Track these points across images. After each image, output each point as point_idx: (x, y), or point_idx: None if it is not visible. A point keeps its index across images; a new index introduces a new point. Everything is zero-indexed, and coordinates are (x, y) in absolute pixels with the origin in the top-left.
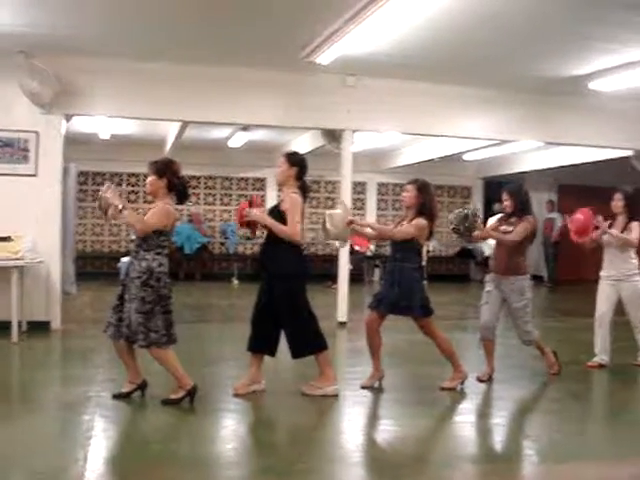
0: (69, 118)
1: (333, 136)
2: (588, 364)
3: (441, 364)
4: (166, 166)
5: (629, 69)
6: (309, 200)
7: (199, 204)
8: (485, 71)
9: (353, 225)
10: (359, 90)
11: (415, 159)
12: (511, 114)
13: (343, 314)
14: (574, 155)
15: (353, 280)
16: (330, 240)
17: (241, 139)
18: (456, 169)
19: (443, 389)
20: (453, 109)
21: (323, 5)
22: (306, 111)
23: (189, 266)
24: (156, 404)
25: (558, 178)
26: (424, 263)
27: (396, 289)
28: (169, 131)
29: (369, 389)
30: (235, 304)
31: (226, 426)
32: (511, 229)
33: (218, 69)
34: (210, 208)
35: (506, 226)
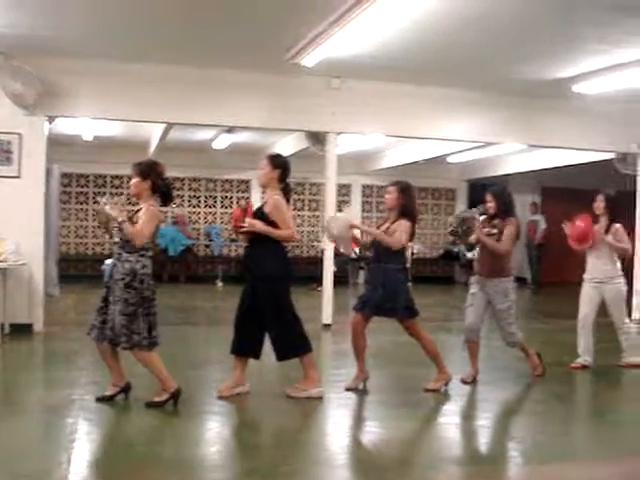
0: (52, 119)
1: (317, 138)
2: (572, 365)
3: (425, 365)
4: (150, 168)
5: (617, 71)
6: (292, 202)
7: (183, 206)
8: (470, 73)
9: (354, 230)
10: (343, 92)
11: (400, 161)
12: (495, 116)
13: (328, 316)
14: (557, 158)
15: (338, 282)
16: (331, 240)
17: (225, 141)
18: (440, 171)
19: (427, 390)
20: (437, 111)
21: (308, 7)
22: (290, 113)
23: (173, 268)
24: (140, 407)
25: (541, 180)
26: (408, 265)
27: (380, 291)
28: (153, 133)
29: (353, 391)
30: (219, 306)
31: (210, 428)
32: (495, 231)
33: (202, 71)
34: (194, 210)
35: (489, 228)
